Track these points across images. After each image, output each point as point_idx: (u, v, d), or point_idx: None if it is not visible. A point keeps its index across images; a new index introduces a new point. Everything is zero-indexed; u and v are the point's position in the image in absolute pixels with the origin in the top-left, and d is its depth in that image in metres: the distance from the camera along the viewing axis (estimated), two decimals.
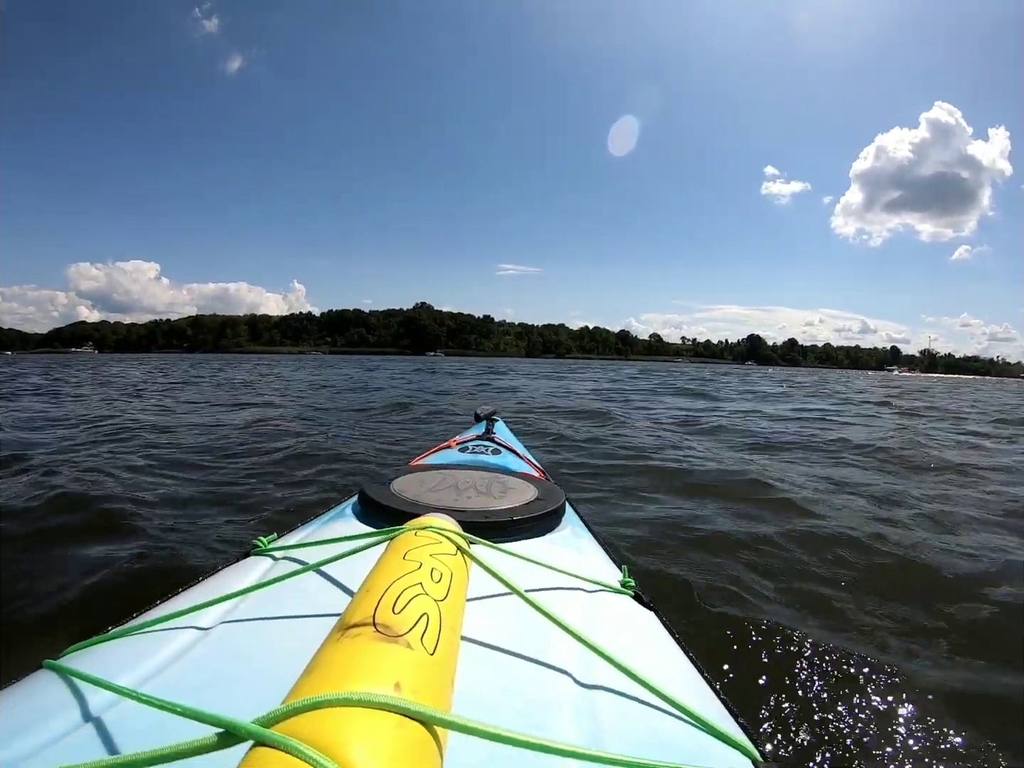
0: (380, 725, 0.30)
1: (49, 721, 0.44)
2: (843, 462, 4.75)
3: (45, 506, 2.69)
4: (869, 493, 3.53)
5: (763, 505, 3.09)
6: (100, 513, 2.63)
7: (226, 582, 0.70)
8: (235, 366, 29.53)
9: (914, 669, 1.54)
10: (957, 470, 4.44)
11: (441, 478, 1.06)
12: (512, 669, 0.54)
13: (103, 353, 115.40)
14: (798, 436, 6.22)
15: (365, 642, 0.36)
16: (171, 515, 2.70)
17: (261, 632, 0.57)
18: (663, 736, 0.48)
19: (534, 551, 0.78)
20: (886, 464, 4.66)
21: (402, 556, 0.50)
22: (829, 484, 3.80)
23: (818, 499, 3.27)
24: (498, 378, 19.47)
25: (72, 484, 3.08)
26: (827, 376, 45.15)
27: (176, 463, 3.92)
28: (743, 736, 0.53)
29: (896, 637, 1.74)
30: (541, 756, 0.38)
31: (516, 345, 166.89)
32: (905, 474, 4.29)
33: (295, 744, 0.27)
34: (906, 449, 5.33)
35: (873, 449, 5.30)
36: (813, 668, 1.51)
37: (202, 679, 0.50)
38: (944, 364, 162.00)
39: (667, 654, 0.67)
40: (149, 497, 2.96)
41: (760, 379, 28.60)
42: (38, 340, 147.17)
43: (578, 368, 41.01)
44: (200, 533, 2.45)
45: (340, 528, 0.87)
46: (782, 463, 4.60)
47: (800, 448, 5.39)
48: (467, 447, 1.60)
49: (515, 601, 0.58)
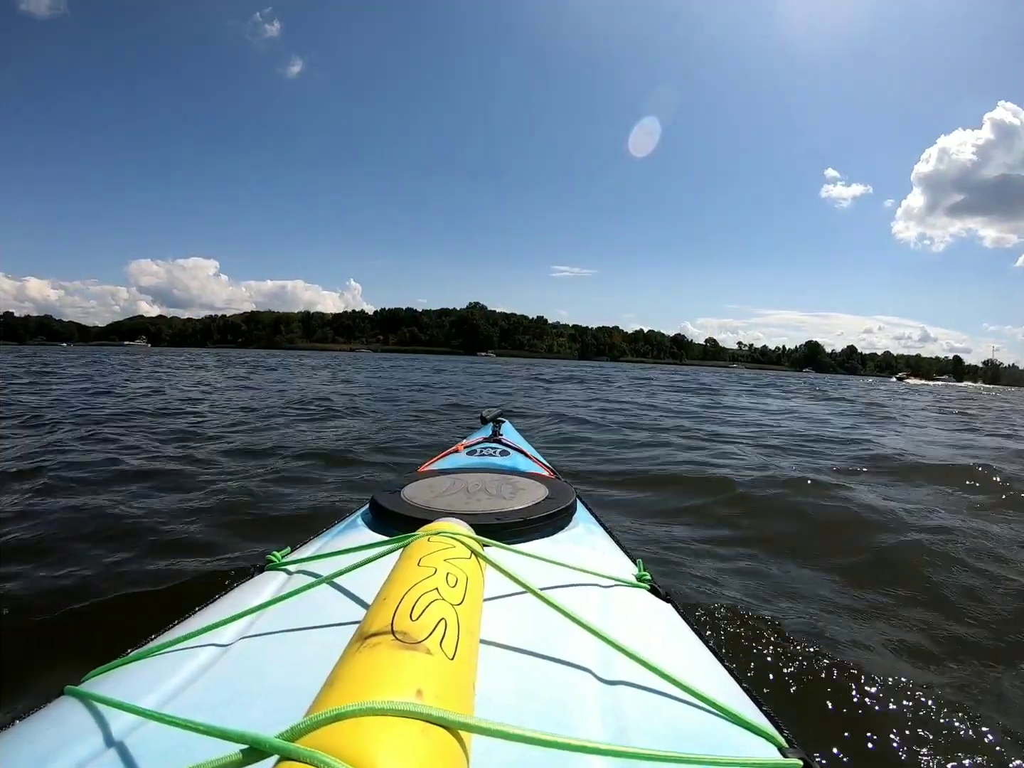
0: (404, 733, 0.30)
1: (73, 748, 0.43)
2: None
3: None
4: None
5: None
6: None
7: (242, 598, 0.69)
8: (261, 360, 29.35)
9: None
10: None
11: (451, 482, 1.05)
12: (533, 669, 0.53)
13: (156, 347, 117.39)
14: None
15: (385, 650, 0.36)
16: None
17: (280, 646, 0.57)
18: (688, 728, 0.48)
19: (548, 550, 0.79)
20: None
21: (416, 563, 0.50)
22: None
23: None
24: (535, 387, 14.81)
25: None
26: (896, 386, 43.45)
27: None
28: (768, 724, 0.53)
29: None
30: (568, 755, 0.39)
31: (569, 347, 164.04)
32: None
33: (321, 756, 0.27)
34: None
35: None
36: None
37: (224, 696, 0.49)
38: (1009, 376, 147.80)
39: (687, 646, 0.67)
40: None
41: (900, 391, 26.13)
42: (96, 333, 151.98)
43: (635, 373, 36.88)
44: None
45: (353, 538, 0.86)
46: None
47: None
48: (475, 450, 1.59)
49: (532, 601, 0.58)
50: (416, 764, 0.29)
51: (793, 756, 0.48)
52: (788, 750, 0.49)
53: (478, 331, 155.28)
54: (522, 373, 25.93)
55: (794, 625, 1.80)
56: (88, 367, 18.00)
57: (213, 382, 12.63)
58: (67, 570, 2.05)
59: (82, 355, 32.19)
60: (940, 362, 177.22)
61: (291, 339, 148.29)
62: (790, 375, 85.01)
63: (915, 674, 1.55)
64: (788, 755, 0.48)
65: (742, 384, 24.83)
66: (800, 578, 2.27)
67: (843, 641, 1.74)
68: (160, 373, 14.66)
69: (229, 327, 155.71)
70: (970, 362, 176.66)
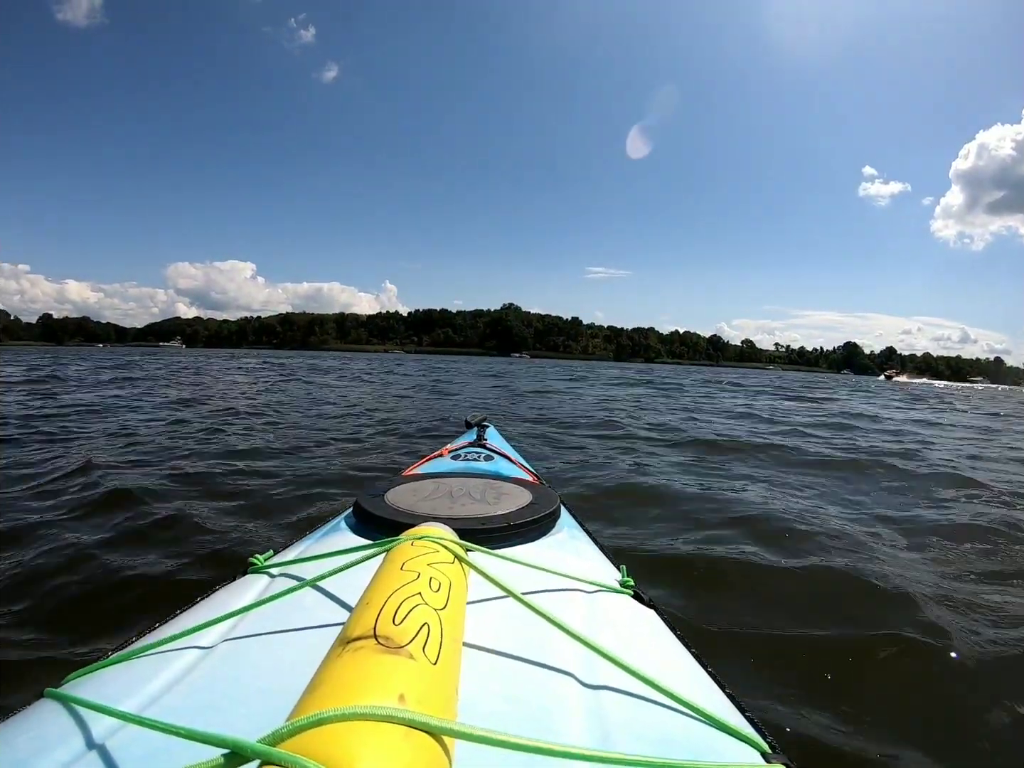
0: (387, 737, 0.30)
1: (52, 751, 0.43)
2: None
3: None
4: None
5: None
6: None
7: (225, 601, 0.68)
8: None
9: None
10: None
11: (435, 487, 1.03)
12: (516, 674, 0.53)
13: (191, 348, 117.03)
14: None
15: (367, 655, 0.36)
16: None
17: (263, 650, 0.56)
18: (671, 733, 0.48)
19: (531, 555, 0.78)
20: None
21: (400, 567, 0.50)
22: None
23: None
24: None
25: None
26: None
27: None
28: (751, 729, 0.52)
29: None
30: (550, 760, 0.38)
31: (604, 348, 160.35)
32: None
33: (302, 761, 0.27)
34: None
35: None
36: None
37: (205, 700, 0.48)
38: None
39: (670, 651, 0.66)
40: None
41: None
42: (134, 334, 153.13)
43: (697, 376, 32.95)
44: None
45: (336, 542, 0.85)
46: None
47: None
48: (459, 454, 1.55)
49: (515, 606, 0.57)
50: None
51: (776, 761, 0.47)
52: (771, 755, 0.48)
53: (512, 332, 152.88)
54: (583, 375, 23.45)
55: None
56: (115, 380, 12.13)
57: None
58: None
59: (115, 357, 28.86)
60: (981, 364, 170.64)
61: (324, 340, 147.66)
62: (829, 376, 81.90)
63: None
64: (771, 760, 0.47)
65: (823, 387, 22.60)
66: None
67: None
68: (225, 390, 10.25)
69: (264, 328, 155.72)
70: (1011, 364, 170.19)
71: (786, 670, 1.50)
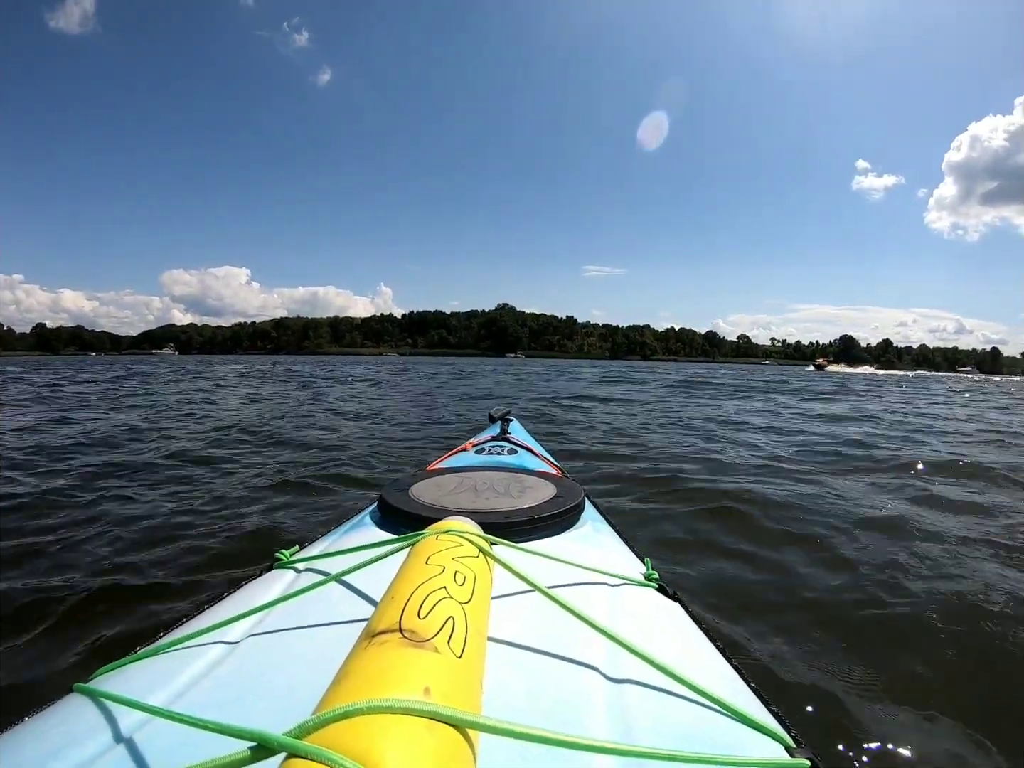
0: (412, 730, 0.30)
1: (81, 745, 0.43)
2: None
3: None
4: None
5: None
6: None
7: (251, 596, 0.69)
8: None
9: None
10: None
11: (459, 481, 1.04)
12: (540, 668, 0.53)
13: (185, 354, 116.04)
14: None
15: (392, 648, 0.36)
16: None
17: (289, 644, 0.56)
18: (695, 727, 0.48)
19: (556, 549, 0.77)
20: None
21: (425, 561, 0.50)
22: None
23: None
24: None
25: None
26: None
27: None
28: (775, 723, 0.53)
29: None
30: (575, 754, 0.39)
31: (600, 347, 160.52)
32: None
33: (328, 754, 0.27)
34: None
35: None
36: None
37: (232, 694, 0.49)
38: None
39: (694, 645, 0.66)
40: None
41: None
42: (129, 342, 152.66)
43: (723, 376, 29.13)
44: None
45: (361, 536, 0.85)
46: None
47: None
48: (483, 448, 1.57)
49: (539, 600, 0.58)
50: (424, 762, 0.29)
51: (800, 756, 0.47)
52: (795, 750, 0.48)
53: (506, 333, 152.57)
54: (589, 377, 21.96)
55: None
56: (90, 399, 9.29)
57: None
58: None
59: (104, 369, 24.99)
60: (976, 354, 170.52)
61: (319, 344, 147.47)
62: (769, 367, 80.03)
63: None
64: (795, 755, 0.47)
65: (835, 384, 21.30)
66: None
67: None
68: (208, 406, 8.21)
69: (258, 333, 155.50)
70: (1008, 353, 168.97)
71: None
